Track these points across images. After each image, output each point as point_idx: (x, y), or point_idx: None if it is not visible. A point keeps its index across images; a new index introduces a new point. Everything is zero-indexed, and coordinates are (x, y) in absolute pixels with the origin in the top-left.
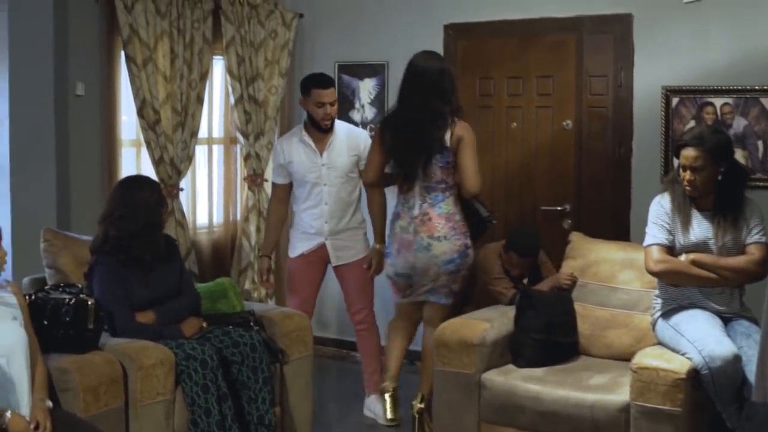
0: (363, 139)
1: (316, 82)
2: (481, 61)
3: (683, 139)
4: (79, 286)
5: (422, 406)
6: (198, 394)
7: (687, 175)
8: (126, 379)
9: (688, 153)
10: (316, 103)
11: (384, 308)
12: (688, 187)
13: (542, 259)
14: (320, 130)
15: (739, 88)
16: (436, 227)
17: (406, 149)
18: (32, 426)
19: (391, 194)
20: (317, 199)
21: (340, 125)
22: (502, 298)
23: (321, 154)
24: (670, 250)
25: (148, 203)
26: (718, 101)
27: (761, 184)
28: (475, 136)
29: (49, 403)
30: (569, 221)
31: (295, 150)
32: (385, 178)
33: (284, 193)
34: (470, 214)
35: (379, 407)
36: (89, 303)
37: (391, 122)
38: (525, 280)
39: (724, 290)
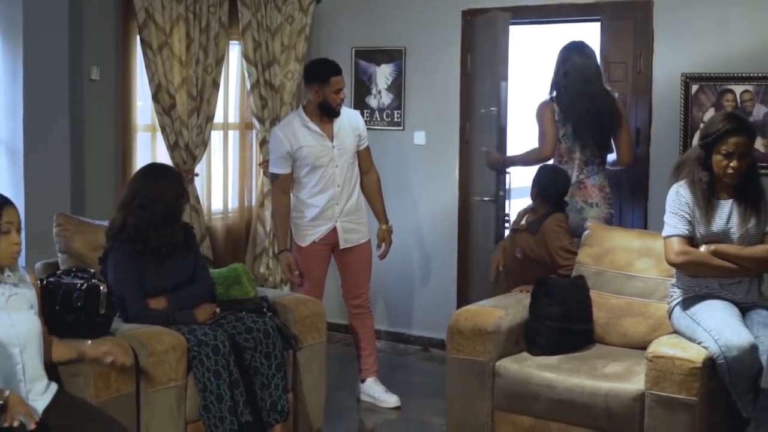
0: (360, 118)
1: (333, 69)
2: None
3: (726, 125)
4: (92, 271)
5: None
6: (210, 380)
7: (733, 162)
8: (138, 365)
9: (739, 140)
10: (335, 90)
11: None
12: (732, 175)
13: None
14: (332, 115)
15: (760, 75)
16: (591, 194)
17: (589, 124)
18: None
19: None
20: (330, 182)
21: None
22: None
23: (331, 138)
24: (690, 240)
25: (170, 195)
26: (738, 88)
27: None
28: None
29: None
30: None
31: (302, 136)
32: None
33: (287, 183)
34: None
35: (378, 390)
36: (101, 288)
37: (566, 100)
38: None
39: (742, 280)
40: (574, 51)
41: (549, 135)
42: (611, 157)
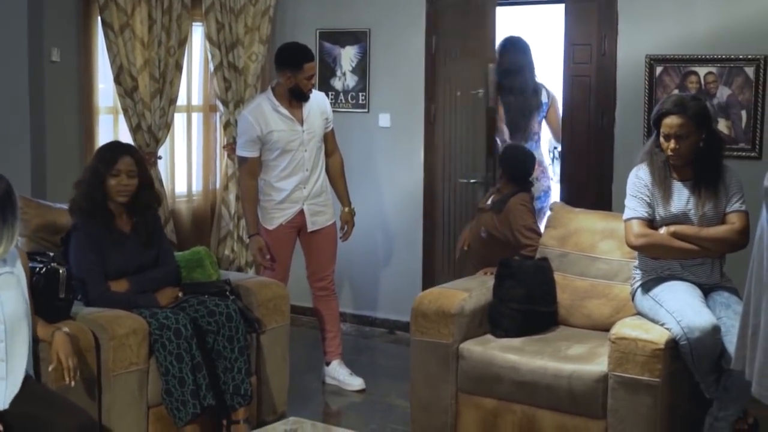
0: (327, 101)
1: (306, 55)
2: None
3: (664, 107)
4: (51, 254)
5: None
6: (172, 364)
7: (671, 144)
8: (98, 349)
9: (672, 121)
10: (307, 76)
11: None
12: (672, 156)
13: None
14: (303, 100)
15: (723, 57)
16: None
17: (519, 112)
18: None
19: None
20: (299, 166)
21: None
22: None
23: (301, 122)
24: (650, 223)
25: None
26: (702, 70)
27: (744, 154)
28: None
29: (66, 329)
30: None
31: (272, 120)
32: None
33: (256, 166)
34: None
35: (343, 373)
36: (60, 272)
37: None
38: None
39: (704, 261)
40: (509, 46)
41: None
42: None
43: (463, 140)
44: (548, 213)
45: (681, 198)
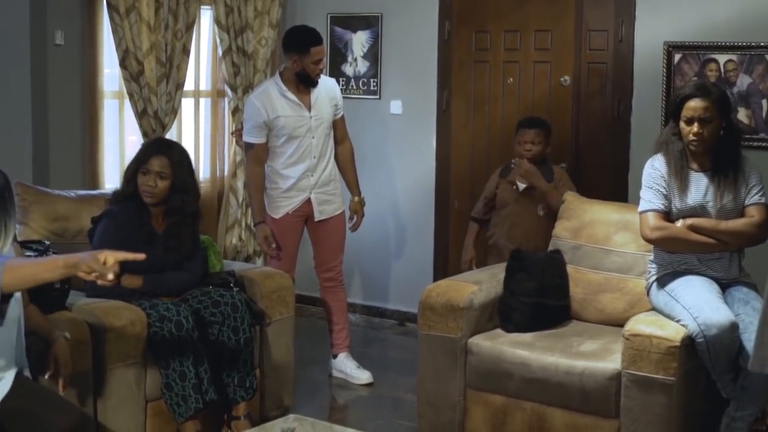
0: (337, 87)
1: (314, 39)
2: (477, 13)
3: (685, 91)
4: (47, 243)
5: None
6: (173, 357)
7: (694, 128)
8: (95, 341)
9: (696, 104)
10: (315, 60)
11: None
12: (695, 142)
13: (558, 177)
14: (310, 85)
15: (744, 44)
16: None
17: None
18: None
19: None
20: (306, 153)
21: None
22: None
23: (309, 108)
24: (667, 215)
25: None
26: (722, 58)
27: (765, 144)
28: None
29: (67, 334)
30: None
31: (279, 105)
32: None
33: (262, 152)
34: None
35: (351, 366)
36: None
37: None
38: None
39: (722, 255)
40: None
41: None
42: None
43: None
44: None
45: (699, 189)
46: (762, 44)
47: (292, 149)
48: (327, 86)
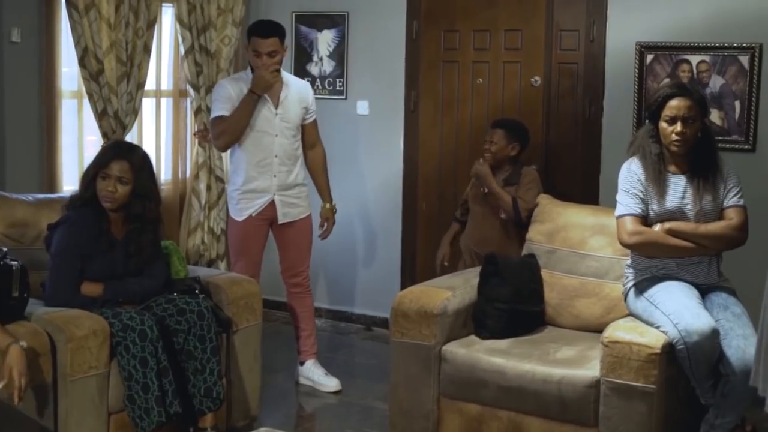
0: (310, 90)
1: (256, 29)
2: (446, 12)
3: (666, 91)
4: (4, 250)
5: None
6: (135, 368)
7: (678, 127)
8: (54, 352)
9: (680, 103)
10: (253, 51)
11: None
12: (677, 142)
13: (523, 179)
14: None
15: (717, 45)
16: None
17: None
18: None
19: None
20: (267, 151)
21: (288, 77)
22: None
23: (275, 105)
24: (644, 219)
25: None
26: (695, 59)
27: (738, 146)
28: None
29: (23, 343)
30: None
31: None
32: None
33: None
34: None
35: (318, 373)
36: (14, 268)
37: None
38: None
39: (701, 260)
40: None
41: None
42: None
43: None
44: None
45: (676, 192)
46: (735, 45)
47: (254, 145)
48: (299, 87)
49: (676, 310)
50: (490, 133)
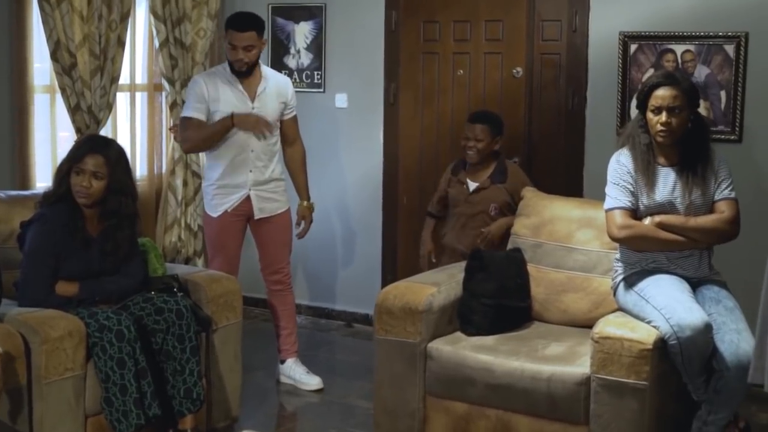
0: (290, 86)
1: (232, 22)
2: (425, 3)
3: (653, 80)
4: None
5: None
6: (113, 370)
7: (663, 117)
8: (28, 354)
9: (665, 92)
10: (229, 43)
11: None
12: (662, 133)
13: (513, 177)
14: (236, 73)
15: (702, 34)
16: None
17: None
18: None
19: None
20: (243, 146)
21: (267, 71)
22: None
23: (251, 98)
24: (634, 213)
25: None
26: (679, 48)
27: (724, 137)
28: None
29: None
30: None
31: (221, 89)
32: None
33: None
34: None
35: (299, 372)
36: None
37: None
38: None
39: (692, 253)
40: None
41: None
42: None
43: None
44: None
45: (666, 185)
46: (720, 34)
47: (229, 140)
48: (278, 82)
49: (667, 305)
50: (470, 129)
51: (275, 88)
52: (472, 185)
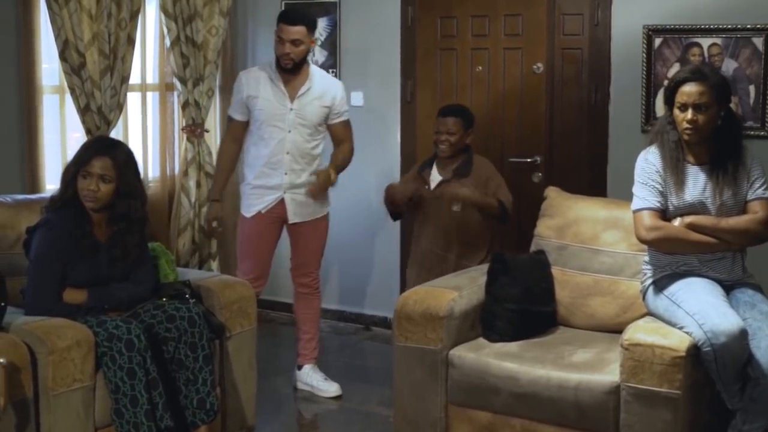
0: (339, 91)
1: (283, 15)
2: None
3: (680, 75)
4: None
5: None
6: (123, 380)
7: (688, 114)
8: (35, 365)
9: (691, 88)
10: (277, 36)
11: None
12: (688, 130)
13: (480, 170)
14: (282, 69)
15: (729, 27)
16: None
17: None
18: None
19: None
20: (279, 147)
21: (316, 72)
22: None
23: (291, 99)
24: (663, 213)
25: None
26: (706, 42)
27: (753, 133)
28: None
29: (1, 360)
30: (540, 174)
31: (262, 86)
32: None
33: (240, 131)
34: None
35: (317, 378)
36: None
37: None
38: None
39: (724, 255)
40: None
41: None
42: None
43: None
44: None
45: (697, 184)
46: (748, 26)
47: (266, 138)
48: (323, 85)
49: (700, 310)
50: (442, 122)
51: (320, 91)
52: (436, 180)
